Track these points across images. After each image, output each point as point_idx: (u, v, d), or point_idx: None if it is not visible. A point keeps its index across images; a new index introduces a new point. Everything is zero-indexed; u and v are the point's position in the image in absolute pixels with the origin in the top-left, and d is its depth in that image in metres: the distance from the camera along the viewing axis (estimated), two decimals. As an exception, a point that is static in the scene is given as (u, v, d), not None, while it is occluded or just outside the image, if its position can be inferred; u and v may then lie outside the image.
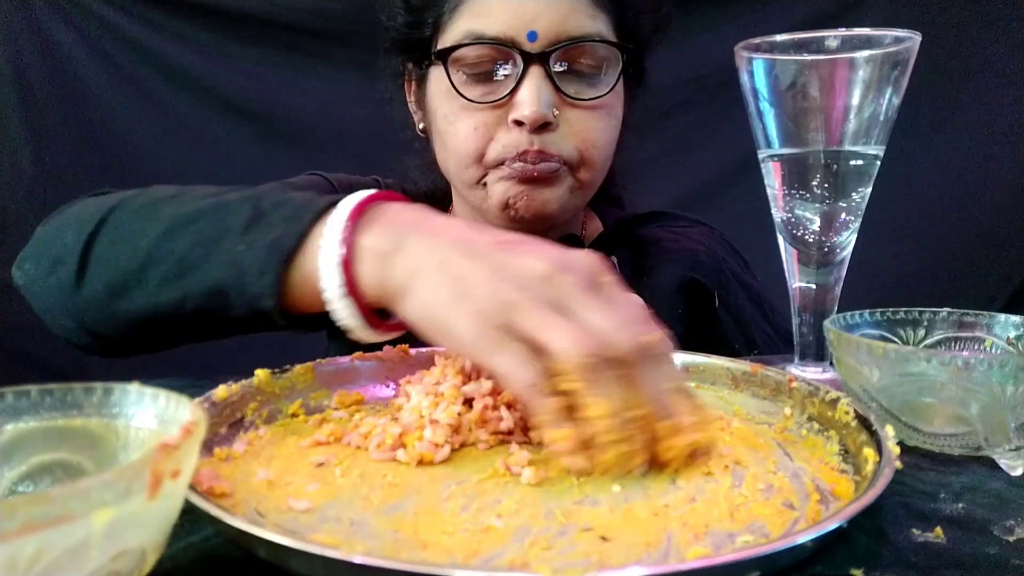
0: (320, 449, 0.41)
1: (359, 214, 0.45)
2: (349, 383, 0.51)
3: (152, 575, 0.27)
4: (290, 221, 0.46)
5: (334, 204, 0.46)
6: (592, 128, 0.70)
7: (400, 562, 0.26)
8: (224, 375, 0.48)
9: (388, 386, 0.51)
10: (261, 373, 0.47)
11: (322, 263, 0.44)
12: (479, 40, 0.67)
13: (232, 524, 0.28)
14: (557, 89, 0.67)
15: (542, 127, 0.67)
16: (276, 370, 0.48)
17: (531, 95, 0.66)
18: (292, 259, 0.45)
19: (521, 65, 0.66)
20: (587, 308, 0.38)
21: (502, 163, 0.69)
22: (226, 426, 0.43)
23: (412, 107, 0.79)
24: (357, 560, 0.26)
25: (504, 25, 0.66)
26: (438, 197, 0.87)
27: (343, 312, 0.44)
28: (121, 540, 0.24)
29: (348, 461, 0.39)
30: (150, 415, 0.31)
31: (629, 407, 0.36)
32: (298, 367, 0.49)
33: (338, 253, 0.43)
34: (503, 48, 0.66)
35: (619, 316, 0.38)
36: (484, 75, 0.68)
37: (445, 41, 0.70)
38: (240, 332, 0.52)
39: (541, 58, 0.66)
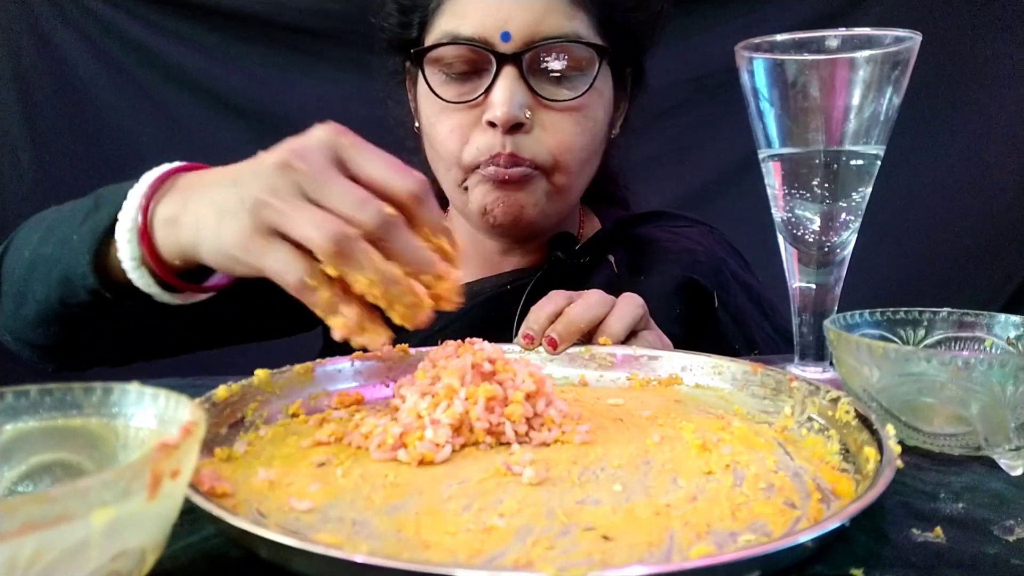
0: (321, 449, 0.41)
1: (158, 185, 0.48)
2: (349, 383, 0.51)
3: (152, 575, 0.27)
4: (112, 205, 0.49)
5: None
6: (567, 131, 0.69)
7: (403, 562, 0.26)
8: (224, 375, 0.48)
9: (387, 385, 0.51)
10: (261, 373, 0.47)
11: (118, 236, 0.48)
12: (454, 40, 0.67)
13: (234, 524, 0.28)
14: (531, 90, 0.67)
15: (515, 128, 0.67)
16: (276, 370, 0.48)
17: (503, 96, 0.66)
18: (106, 237, 0.49)
19: (495, 66, 0.66)
20: (328, 192, 0.40)
21: (478, 167, 0.69)
22: (226, 426, 0.43)
23: (412, 105, 0.79)
24: (360, 560, 0.26)
25: (478, 25, 0.66)
26: (437, 195, 0.87)
27: (140, 280, 0.48)
28: (121, 540, 0.24)
29: (349, 461, 0.39)
30: (150, 415, 0.31)
31: (391, 267, 0.40)
32: (298, 367, 0.49)
33: (132, 225, 0.47)
34: (477, 48, 0.67)
35: (358, 193, 0.40)
36: (461, 76, 0.69)
37: (428, 42, 0.70)
38: (109, 322, 0.56)
39: (514, 59, 0.66)
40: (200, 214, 0.44)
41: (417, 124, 0.78)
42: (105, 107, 1.71)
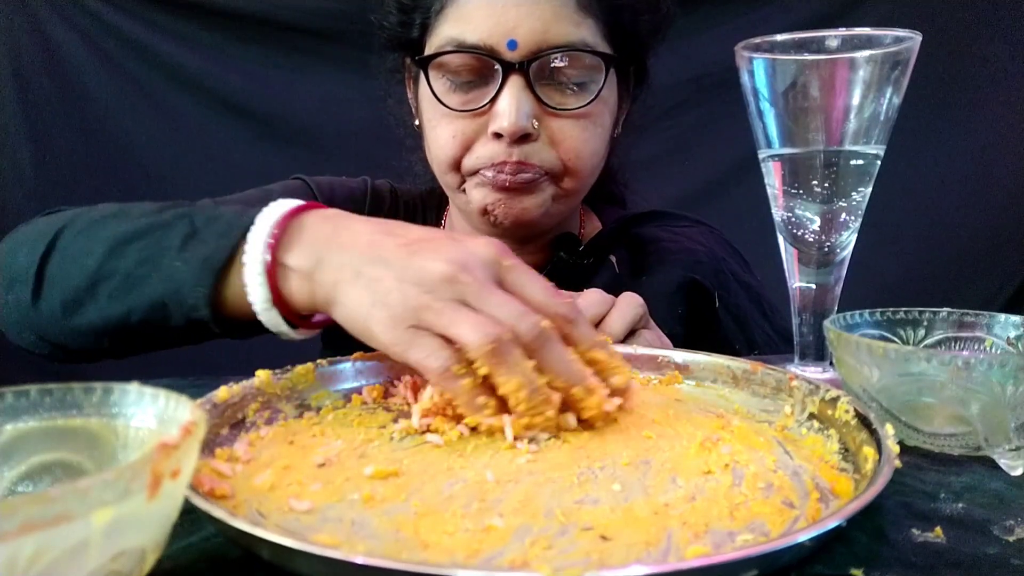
0: (321, 450, 0.41)
1: (281, 230, 0.48)
2: (350, 383, 0.51)
3: (152, 575, 0.27)
4: (221, 237, 0.50)
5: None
6: (575, 138, 0.69)
7: (401, 562, 0.26)
8: (225, 375, 0.48)
9: (394, 384, 0.51)
10: (262, 374, 0.47)
11: (248, 279, 0.48)
12: (459, 48, 0.66)
13: (234, 525, 0.28)
14: (538, 99, 0.66)
15: (522, 138, 0.66)
16: (277, 371, 0.48)
17: (510, 106, 0.65)
18: (223, 273, 0.49)
19: (501, 74, 0.65)
20: (489, 303, 0.41)
21: (478, 171, 0.69)
22: (227, 427, 0.43)
23: (412, 103, 0.79)
24: (359, 560, 0.26)
25: (484, 33, 0.65)
26: (437, 194, 0.87)
27: (271, 321, 0.49)
28: (121, 540, 0.24)
29: (350, 461, 0.39)
30: (150, 415, 0.31)
31: (538, 378, 0.41)
32: (299, 367, 0.49)
33: (261, 269, 0.48)
34: (482, 57, 0.65)
35: (518, 306, 0.42)
36: (466, 83, 0.68)
37: (430, 46, 0.69)
38: (187, 342, 0.56)
39: (521, 67, 0.65)
40: (339, 280, 0.45)
41: (418, 122, 0.77)
42: (105, 107, 1.71)
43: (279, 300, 0.48)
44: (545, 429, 0.42)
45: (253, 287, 0.48)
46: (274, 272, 0.48)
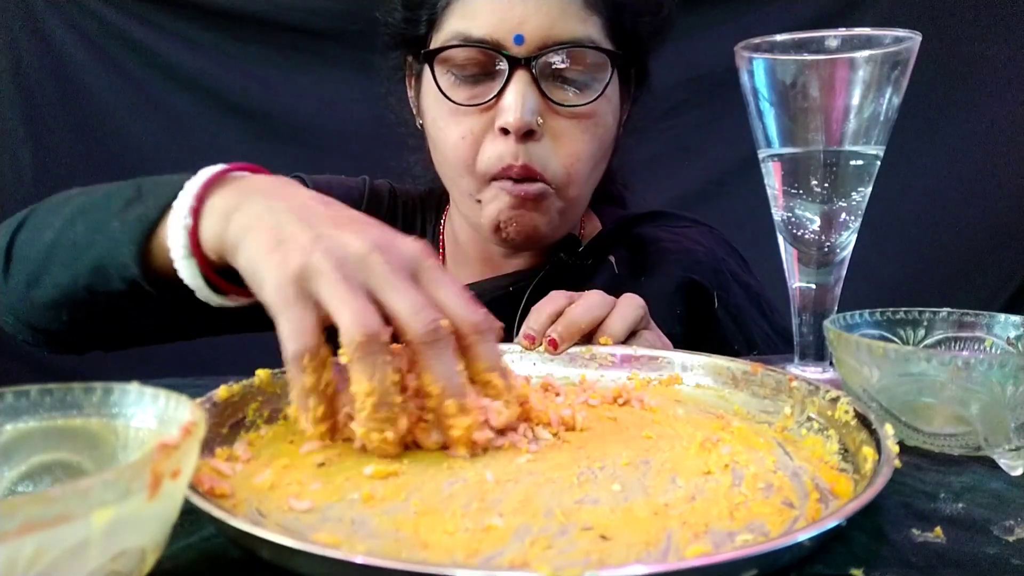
0: (321, 449, 0.41)
1: (216, 180, 0.47)
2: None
3: (152, 575, 0.27)
4: (159, 196, 0.49)
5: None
6: (577, 140, 0.69)
7: (401, 562, 0.26)
8: (224, 375, 0.48)
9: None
10: (262, 373, 0.47)
11: (171, 224, 0.47)
12: (464, 42, 0.66)
13: (234, 525, 0.28)
14: (543, 95, 0.66)
15: (526, 136, 0.66)
16: (277, 370, 0.48)
17: (516, 101, 0.65)
18: (157, 229, 0.49)
19: (506, 69, 0.65)
20: (393, 290, 0.39)
21: (492, 179, 0.68)
22: (227, 426, 0.43)
23: (412, 102, 0.78)
24: (359, 560, 0.26)
25: (490, 27, 0.65)
26: (437, 195, 0.87)
27: (186, 272, 0.47)
28: (121, 540, 0.24)
29: (349, 460, 0.39)
30: (150, 415, 0.31)
31: (393, 396, 0.38)
32: None
33: (186, 215, 0.46)
34: (488, 51, 0.65)
35: (421, 299, 0.39)
36: (472, 78, 0.67)
37: (436, 41, 0.69)
38: (136, 312, 0.56)
39: (527, 62, 0.65)
40: (253, 222, 0.43)
41: (420, 122, 0.77)
42: (105, 107, 1.71)
43: (196, 246, 0.46)
44: (378, 450, 0.39)
45: (174, 232, 0.47)
46: (197, 217, 0.46)
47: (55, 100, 1.69)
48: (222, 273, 0.48)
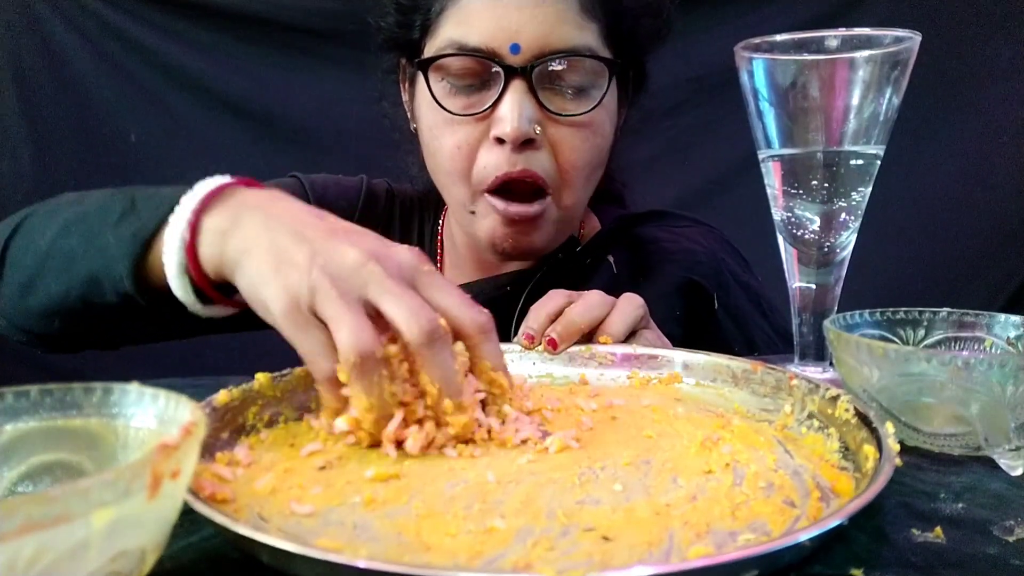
0: (322, 452, 0.41)
1: (212, 197, 0.47)
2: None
3: (152, 575, 0.27)
4: (155, 210, 0.49)
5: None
6: (575, 148, 0.68)
7: (404, 565, 0.26)
8: (224, 375, 0.48)
9: None
10: (262, 377, 0.46)
11: (167, 241, 0.47)
12: (460, 51, 0.65)
13: (236, 531, 0.28)
14: (540, 104, 0.65)
15: (524, 144, 0.65)
16: (276, 374, 0.47)
17: (512, 111, 0.64)
18: (151, 244, 0.49)
19: (502, 78, 0.64)
20: (391, 293, 0.40)
21: (485, 190, 0.68)
22: (228, 431, 0.42)
23: (406, 105, 0.78)
24: (361, 564, 0.26)
25: (486, 35, 0.64)
26: (435, 195, 0.86)
27: (179, 289, 0.48)
28: (121, 540, 0.24)
29: (351, 464, 0.39)
30: (150, 415, 0.31)
31: (395, 403, 0.40)
32: (298, 370, 0.49)
33: (182, 232, 0.47)
34: (484, 60, 0.64)
35: (419, 301, 0.40)
36: (467, 87, 0.67)
37: (431, 48, 0.68)
38: (132, 324, 0.57)
39: (523, 71, 0.64)
40: (251, 243, 0.44)
41: (414, 126, 0.76)
42: (105, 107, 1.71)
43: (193, 264, 0.47)
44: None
45: (170, 250, 0.47)
46: (194, 235, 0.47)
47: (55, 100, 1.68)
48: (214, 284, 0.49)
